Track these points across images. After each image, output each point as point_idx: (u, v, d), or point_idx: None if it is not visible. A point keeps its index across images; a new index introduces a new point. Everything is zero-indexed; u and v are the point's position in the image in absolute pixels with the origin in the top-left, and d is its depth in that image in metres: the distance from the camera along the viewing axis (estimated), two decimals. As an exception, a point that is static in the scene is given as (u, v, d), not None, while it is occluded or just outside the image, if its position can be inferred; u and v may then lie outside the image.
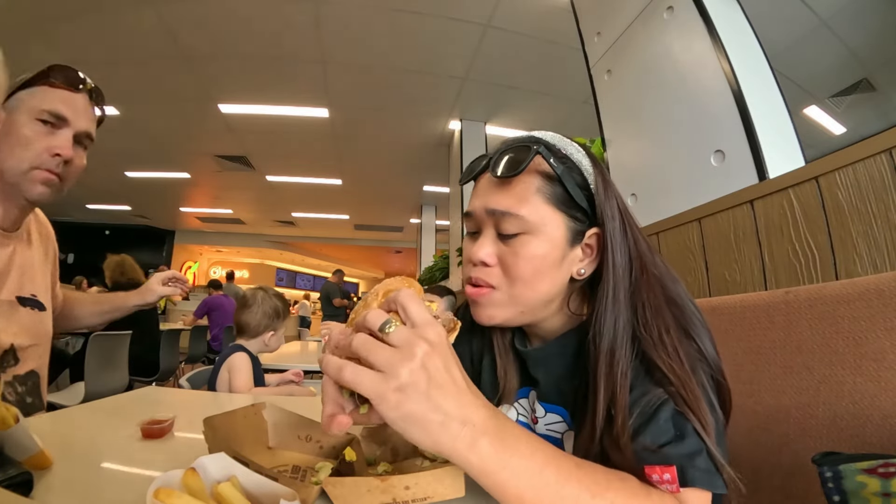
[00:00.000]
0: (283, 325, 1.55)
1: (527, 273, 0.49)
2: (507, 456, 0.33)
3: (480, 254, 0.50)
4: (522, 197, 0.49)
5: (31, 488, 0.40)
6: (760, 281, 1.07)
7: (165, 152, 5.60)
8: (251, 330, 1.48)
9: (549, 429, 0.56)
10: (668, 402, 0.41)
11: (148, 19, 3.14)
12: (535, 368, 0.57)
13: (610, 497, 0.35)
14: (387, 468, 0.53)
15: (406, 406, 0.32)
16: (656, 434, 0.40)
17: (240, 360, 1.40)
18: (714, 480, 0.39)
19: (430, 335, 0.34)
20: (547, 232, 0.49)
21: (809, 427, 0.63)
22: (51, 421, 0.70)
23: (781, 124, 1.34)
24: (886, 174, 0.81)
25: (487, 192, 0.51)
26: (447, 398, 0.33)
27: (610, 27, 2.01)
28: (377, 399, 0.32)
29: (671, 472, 0.37)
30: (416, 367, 0.32)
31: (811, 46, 3.26)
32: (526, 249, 0.48)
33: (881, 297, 0.58)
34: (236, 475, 0.36)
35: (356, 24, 3.25)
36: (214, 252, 11.69)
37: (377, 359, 0.33)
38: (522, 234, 0.49)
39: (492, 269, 0.51)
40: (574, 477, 0.35)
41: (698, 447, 0.39)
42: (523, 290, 0.50)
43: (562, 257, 0.50)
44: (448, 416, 0.32)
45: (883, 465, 0.39)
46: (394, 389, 0.32)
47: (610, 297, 0.47)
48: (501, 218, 0.49)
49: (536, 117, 4.55)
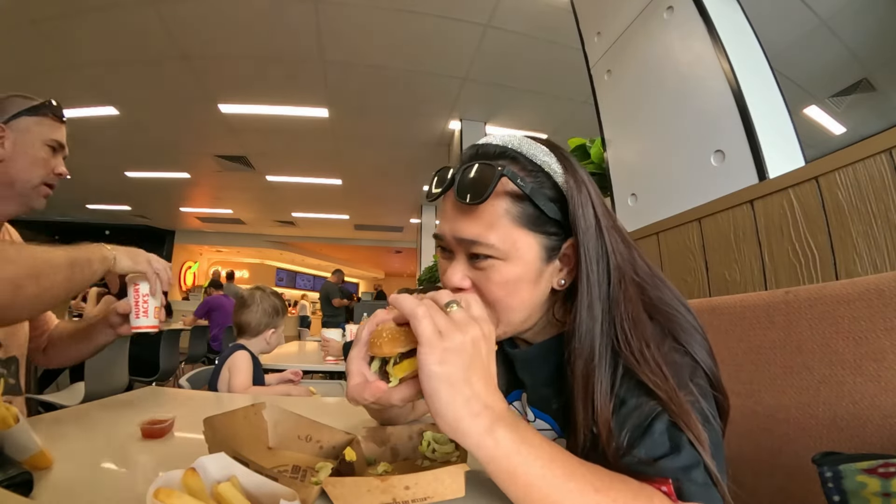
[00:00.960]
0: (282, 323, 1.56)
1: (501, 295, 0.48)
2: (521, 444, 0.35)
3: (454, 279, 0.49)
4: (490, 223, 0.47)
5: (31, 488, 0.40)
6: (760, 281, 1.07)
7: (165, 152, 5.60)
8: (252, 329, 1.48)
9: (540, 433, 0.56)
10: (663, 415, 0.40)
11: (148, 19, 3.14)
12: (522, 370, 0.58)
13: (613, 495, 0.35)
14: (387, 468, 0.53)
15: (447, 366, 0.35)
16: (651, 447, 0.40)
17: (241, 359, 1.40)
18: (711, 494, 0.38)
19: (485, 326, 0.39)
20: (519, 255, 0.47)
21: (809, 427, 0.63)
22: (51, 421, 0.70)
23: (781, 124, 1.34)
24: (886, 174, 0.81)
25: (455, 217, 0.49)
26: (480, 380, 0.37)
27: (610, 27, 2.01)
28: (427, 347, 0.36)
29: (667, 486, 0.37)
30: (467, 340, 0.37)
31: (811, 46, 3.26)
32: (499, 274, 0.47)
33: (881, 297, 0.58)
34: (236, 475, 0.36)
35: (356, 24, 3.24)
36: (214, 252, 11.69)
37: (440, 321, 0.37)
38: (494, 259, 0.47)
39: (467, 292, 0.49)
40: (579, 473, 0.36)
41: (694, 460, 0.38)
42: (501, 311, 0.49)
43: (537, 275, 0.49)
44: (476, 395, 0.36)
45: (883, 465, 0.39)
46: (443, 348, 0.36)
47: (584, 313, 0.46)
48: (471, 245, 0.48)
49: (536, 117, 4.54)
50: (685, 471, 0.38)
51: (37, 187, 0.89)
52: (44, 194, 0.91)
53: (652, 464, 0.39)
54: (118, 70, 3.76)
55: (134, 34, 3.31)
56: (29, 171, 0.88)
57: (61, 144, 0.94)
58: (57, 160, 0.93)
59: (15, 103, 0.91)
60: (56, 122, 0.94)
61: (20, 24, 3.14)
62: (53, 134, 0.92)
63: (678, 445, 0.39)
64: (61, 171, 0.93)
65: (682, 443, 0.39)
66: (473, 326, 0.38)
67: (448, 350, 0.36)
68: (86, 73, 3.77)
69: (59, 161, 0.94)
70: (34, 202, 0.90)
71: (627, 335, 0.44)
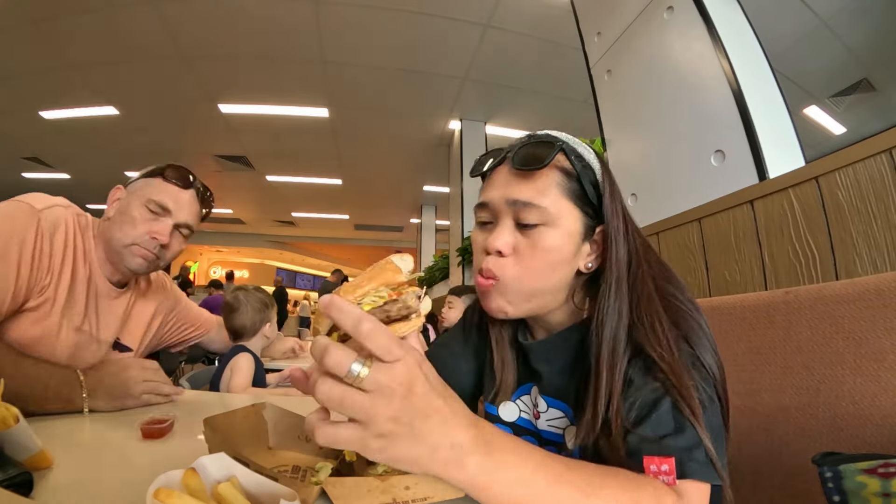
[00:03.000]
0: (274, 314, 1.59)
1: (542, 263, 0.51)
2: (497, 470, 0.33)
3: (498, 243, 0.51)
4: (543, 189, 0.50)
5: (31, 488, 0.40)
6: (760, 281, 1.07)
7: (165, 152, 5.59)
8: (249, 330, 1.48)
9: (550, 424, 0.56)
10: (668, 396, 0.42)
11: (148, 19, 3.14)
12: (538, 361, 0.58)
13: (603, 495, 0.35)
14: (387, 468, 0.53)
15: (391, 450, 0.30)
16: (656, 425, 0.41)
17: (244, 360, 1.41)
18: (711, 474, 0.39)
19: (401, 373, 0.30)
20: (564, 225, 0.51)
21: (809, 427, 0.63)
22: (51, 421, 0.70)
23: (781, 124, 1.34)
24: (886, 174, 0.81)
25: (507, 183, 0.52)
26: (432, 429, 0.31)
27: (610, 27, 2.01)
28: (360, 450, 0.30)
29: (669, 463, 0.38)
30: (394, 412, 0.29)
31: (811, 46, 3.26)
32: (544, 240, 0.50)
33: (881, 297, 0.58)
34: (236, 475, 0.36)
35: (356, 24, 3.25)
36: (214, 252, 11.69)
37: (351, 412, 0.29)
38: (542, 226, 0.50)
39: (506, 259, 0.52)
40: (565, 479, 0.35)
41: (697, 440, 0.40)
42: (535, 279, 0.51)
43: (575, 251, 0.52)
44: (435, 446, 0.31)
45: (883, 465, 0.39)
46: (375, 436, 0.30)
47: (613, 288, 0.50)
48: (523, 208, 0.50)
49: (536, 117, 4.55)
50: (688, 450, 0.39)
51: (128, 247, 0.86)
52: (139, 255, 0.87)
53: (656, 441, 0.40)
54: (118, 70, 3.76)
55: (134, 34, 3.31)
56: (121, 229, 0.86)
57: (164, 207, 0.88)
58: (157, 223, 0.87)
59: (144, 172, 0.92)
60: (166, 183, 0.89)
61: (20, 24, 3.14)
62: (156, 195, 0.88)
63: (682, 426, 0.41)
64: (156, 234, 0.87)
65: (686, 424, 0.41)
66: (393, 387, 0.30)
67: (381, 435, 0.30)
68: (86, 73, 3.77)
69: (162, 225, 0.87)
70: (129, 263, 0.87)
71: (641, 311, 0.48)
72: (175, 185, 0.90)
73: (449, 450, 0.31)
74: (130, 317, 1.01)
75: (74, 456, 0.53)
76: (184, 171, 0.92)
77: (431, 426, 0.31)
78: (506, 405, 0.62)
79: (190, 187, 0.93)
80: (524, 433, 0.60)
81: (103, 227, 0.90)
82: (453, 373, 0.69)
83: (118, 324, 0.97)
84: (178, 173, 0.91)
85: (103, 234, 0.89)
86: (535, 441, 0.58)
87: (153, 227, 0.87)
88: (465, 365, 0.70)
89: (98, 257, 0.90)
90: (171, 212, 0.89)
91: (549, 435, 0.57)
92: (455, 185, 4.95)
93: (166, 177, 0.90)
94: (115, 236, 0.86)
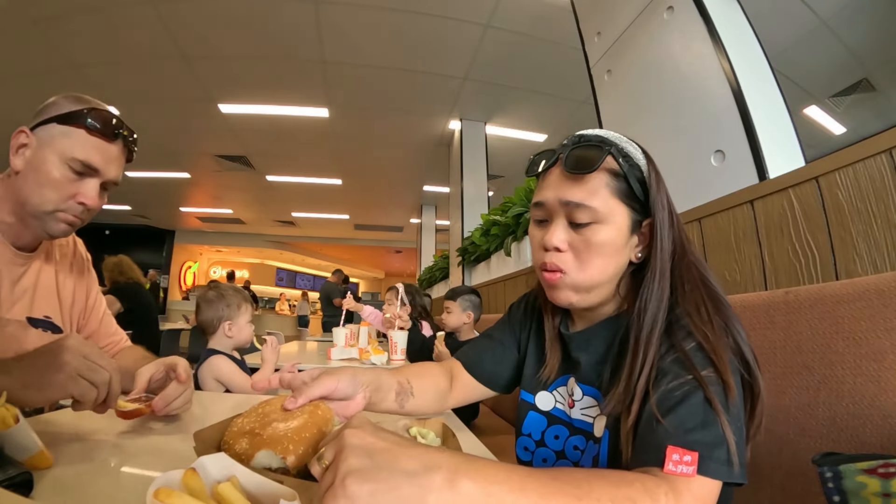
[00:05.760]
0: (239, 313, 1.45)
1: (597, 257, 0.55)
2: (487, 485, 0.32)
3: (554, 240, 0.56)
4: (593, 190, 0.55)
5: (31, 488, 0.40)
6: (760, 281, 1.07)
7: (165, 152, 5.59)
8: (209, 326, 1.44)
9: (583, 413, 0.60)
10: (699, 390, 0.44)
11: (148, 19, 3.14)
12: (578, 350, 0.62)
13: (595, 496, 0.35)
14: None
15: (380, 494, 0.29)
16: (685, 417, 0.43)
17: (221, 365, 1.38)
18: (730, 472, 0.40)
19: (367, 438, 0.33)
20: (614, 221, 0.55)
21: (809, 427, 0.63)
22: (51, 421, 0.70)
23: (781, 124, 1.34)
24: (886, 174, 0.81)
25: (560, 184, 0.57)
26: (398, 459, 0.31)
27: (610, 27, 2.01)
28: None
29: (693, 456, 0.39)
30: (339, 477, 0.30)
31: (811, 46, 3.26)
32: (597, 237, 0.55)
33: (881, 297, 0.58)
34: (236, 475, 0.36)
35: (356, 24, 3.24)
36: (214, 252, 11.68)
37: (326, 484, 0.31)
38: (593, 224, 0.55)
39: (564, 254, 0.57)
40: (554, 488, 0.35)
41: (721, 438, 0.41)
42: (593, 272, 0.56)
43: (625, 243, 0.57)
44: (410, 474, 0.30)
45: (883, 465, 0.39)
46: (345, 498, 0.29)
47: (657, 276, 0.54)
48: (575, 209, 0.55)
49: (536, 117, 4.54)
50: (711, 447, 0.41)
51: (51, 213, 0.73)
52: (63, 221, 0.74)
53: (683, 433, 0.41)
54: (118, 70, 3.76)
55: (134, 34, 3.31)
56: (38, 191, 0.71)
57: (91, 167, 0.73)
58: (84, 185, 0.74)
59: (56, 106, 0.75)
60: (91, 135, 0.74)
61: (20, 24, 3.13)
62: (79, 152, 0.72)
63: (708, 421, 0.42)
64: (84, 198, 0.73)
65: (713, 420, 0.42)
66: (354, 447, 0.31)
67: (354, 497, 0.29)
68: (86, 73, 3.77)
69: (88, 187, 0.74)
70: (51, 230, 0.74)
71: (686, 294, 0.52)
72: (101, 139, 0.75)
73: (428, 473, 0.31)
74: (42, 286, 0.83)
75: (74, 456, 0.53)
76: (107, 115, 0.77)
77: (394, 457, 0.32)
78: (543, 395, 0.66)
79: (117, 138, 0.78)
80: (557, 423, 0.64)
81: (10, 184, 0.74)
82: (495, 359, 0.75)
83: (30, 296, 0.80)
84: (103, 120, 0.75)
85: (12, 193, 0.74)
86: (566, 431, 0.62)
87: (79, 190, 0.73)
88: (507, 354, 0.75)
89: (0, 219, 0.75)
90: (100, 170, 0.75)
91: (580, 423, 0.60)
92: (455, 184, 4.94)
93: (90, 128, 0.73)
94: (32, 200, 0.72)
